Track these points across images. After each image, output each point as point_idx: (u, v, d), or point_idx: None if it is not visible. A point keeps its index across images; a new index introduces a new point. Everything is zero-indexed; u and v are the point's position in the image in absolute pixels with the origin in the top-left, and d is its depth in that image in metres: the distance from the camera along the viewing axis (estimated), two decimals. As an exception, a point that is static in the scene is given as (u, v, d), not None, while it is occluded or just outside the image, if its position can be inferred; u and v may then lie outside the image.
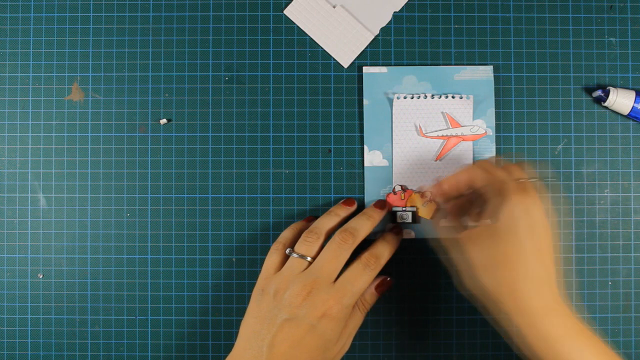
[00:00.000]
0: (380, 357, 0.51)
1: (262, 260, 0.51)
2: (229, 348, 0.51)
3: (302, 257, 0.44)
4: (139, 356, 0.51)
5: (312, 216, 0.50)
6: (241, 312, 0.51)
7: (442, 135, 0.50)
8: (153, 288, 0.51)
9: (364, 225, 0.46)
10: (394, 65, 0.51)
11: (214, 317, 0.51)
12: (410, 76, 0.51)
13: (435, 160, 0.50)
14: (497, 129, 0.51)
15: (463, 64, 0.51)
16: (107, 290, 0.51)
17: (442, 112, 0.50)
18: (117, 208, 0.51)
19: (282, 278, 0.43)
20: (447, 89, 0.51)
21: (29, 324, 0.51)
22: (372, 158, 0.51)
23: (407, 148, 0.50)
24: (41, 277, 0.51)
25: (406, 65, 0.51)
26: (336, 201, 0.51)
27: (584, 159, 0.52)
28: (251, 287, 0.51)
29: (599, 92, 0.50)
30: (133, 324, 0.51)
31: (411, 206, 0.50)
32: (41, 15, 0.52)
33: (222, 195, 0.51)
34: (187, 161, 0.51)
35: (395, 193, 0.50)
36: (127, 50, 0.52)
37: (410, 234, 0.51)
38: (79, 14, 0.52)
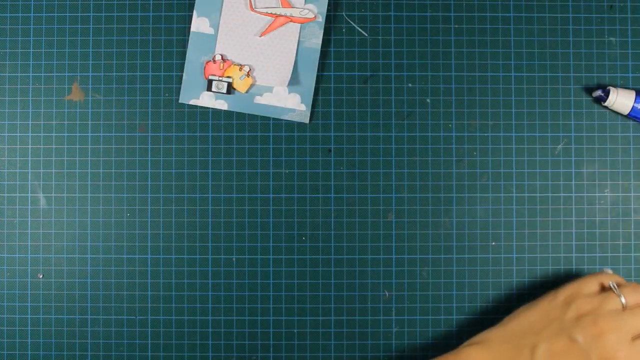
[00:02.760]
0: (380, 357, 0.51)
1: (262, 260, 0.51)
2: (229, 348, 0.51)
3: (620, 296, 0.42)
4: (139, 356, 0.51)
5: None
6: (241, 312, 0.51)
7: (271, 13, 0.50)
8: (153, 288, 0.51)
9: None
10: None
11: (214, 317, 0.51)
12: None
13: (260, 36, 0.51)
14: (496, 129, 0.51)
15: (463, 63, 0.52)
16: (107, 290, 0.51)
17: None
18: (117, 208, 0.51)
19: (591, 300, 0.42)
20: None
21: (29, 324, 0.51)
22: (199, 24, 0.51)
23: (234, 20, 0.50)
24: (41, 277, 0.51)
25: None
26: (336, 201, 0.51)
27: (584, 159, 0.52)
28: (251, 286, 0.51)
29: (599, 92, 0.50)
30: (133, 324, 0.51)
31: (228, 77, 0.50)
32: (41, 15, 0.52)
33: (222, 195, 0.51)
34: (187, 161, 0.51)
35: (215, 62, 0.51)
36: (127, 50, 0.52)
37: (223, 105, 0.51)
38: (79, 14, 0.52)
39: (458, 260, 0.51)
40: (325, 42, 0.52)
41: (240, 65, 0.50)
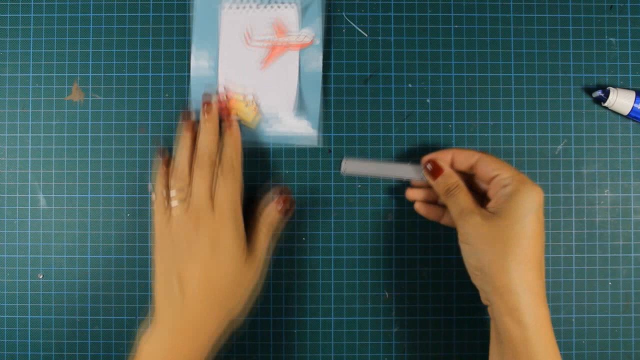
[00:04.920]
0: (380, 357, 0.51)
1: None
2: (228, 348, 0.51)
3: (182, 201, 0.45)
4: (139, 356, 0.51)
5: (166, 155, 0.49)
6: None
7: (269, 43, 0.50)
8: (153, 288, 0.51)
9: (207, 139, 0.47)
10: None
11: (214, 317, 0.51)
12: None
13: (261, 69, 0.50)
14: (496, 129, 0.51)
15: (463, 63, 0.52)
16: (108, 290, 0.51)
17: (268, 21, 0.50)
18: (117, 208, 0.51)
19: (173, 229, 0.44)
20: None
21: (29, 324, 0.51)
22: (199, 66, 0.51)
23: (233, 55, 0.51)
24: (41, 277, 0.51)
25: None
26: (336, 201, 0.51)
27: (584, 159, 0.52)
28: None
29: (599, 93, 0.50)
30: (133, 324, 0.51)
31: (234, 114, 0.50)
32: (41, 15, 0.52)
33: (222, 196, 0.51)
34: (187, 161, 0.51)
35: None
36: (127, 50, 0.52)
37: None
38: (79, 14, 0.52)
39: (458, 260, 0.51)
40: (326, 42, 0.52)
41: (245, 99, 0.51)
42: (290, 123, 0.51)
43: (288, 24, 0.50)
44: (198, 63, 0.51)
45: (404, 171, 0.49)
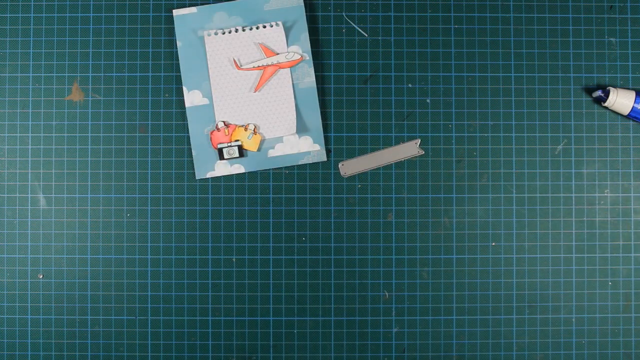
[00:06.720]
0: (380, 357, 0.51)
1: (262, 261, 0.51)
2: (229, 348, 0.51)
3: None
4: (139, 356, 0.51)
5: None
6: (241, 312, 0.51)
7: (259, 66, 0.50)
8: (153, 288, 0.51)
9: None
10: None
11: (214, 317, 0.51)
12: (220, 12, 0.51)
13: (255, 92, 0.50)
14: (496, 129, 0.51)
15: (463, 63, 0.52)
16: (107, 290, 0.51)
17: (255, 43, 0.50)
18: (117, 208, 0.51)
19: None
20: (258, 20, 0.51)
21: (29, 324, 0.51)
22: (192, 98, 0.51)
23: (225, 83, 0.50)
24: (41, 277, 0.51)
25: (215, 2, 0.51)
26: (336, 201, 0.51)
27: (584, 159, 0.52)
28: (251, 287, 0.51)
29: (599, 93, 0.50)
30: (133, 324, 0.51)
31: (236, 140, 0.50)
32: (41, 15, 0.52)
33: (222, 196, 0.51)
34: (187, 161, 0.51)
35: (219, 130, 0.50)
36: (127, 50, 0.52)
37: (239, 168, 0.51)
38: (79, 14, 0.52)
39: (458, 260, 0.51)
40: (326, 43, 0.52)
41: (245, 125, 0.51)
42: (294, 142, 0.51)
43: (275, 44, 0.50)
44: (191, 94, 0.51)
45: (400, 152, 0.49)
